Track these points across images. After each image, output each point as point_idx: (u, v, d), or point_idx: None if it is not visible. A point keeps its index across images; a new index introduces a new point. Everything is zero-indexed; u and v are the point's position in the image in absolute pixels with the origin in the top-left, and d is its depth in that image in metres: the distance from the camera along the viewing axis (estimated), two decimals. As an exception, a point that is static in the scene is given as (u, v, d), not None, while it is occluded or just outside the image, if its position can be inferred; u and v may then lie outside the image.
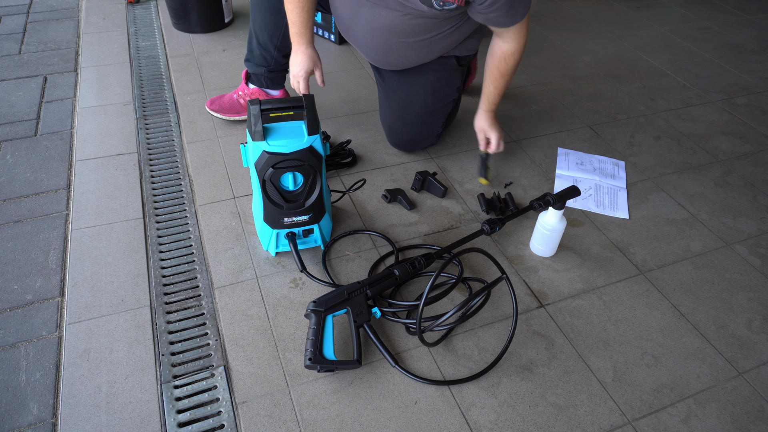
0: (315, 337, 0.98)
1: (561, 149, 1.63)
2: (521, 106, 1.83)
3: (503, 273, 1.06)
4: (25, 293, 1.14)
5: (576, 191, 1.26)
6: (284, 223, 1.15)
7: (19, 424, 0.93)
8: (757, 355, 1.10)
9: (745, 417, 0.99)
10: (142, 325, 1.08)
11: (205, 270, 1.20)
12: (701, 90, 2.01)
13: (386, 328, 1.10)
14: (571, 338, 1.10)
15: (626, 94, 1.95)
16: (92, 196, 1.37)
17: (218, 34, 2.14)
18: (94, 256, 1.21)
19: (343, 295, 1.03)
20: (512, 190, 1.47)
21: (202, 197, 1.38)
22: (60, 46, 2.05)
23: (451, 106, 1.52)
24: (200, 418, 0.94)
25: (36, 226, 1.30)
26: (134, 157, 1.51)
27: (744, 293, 1.23)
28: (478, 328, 1.11)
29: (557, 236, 1.24)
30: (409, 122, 1.48)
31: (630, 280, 1.24)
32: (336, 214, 1.36)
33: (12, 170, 1.46)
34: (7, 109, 1.69)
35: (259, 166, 1.07)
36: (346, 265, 1.23)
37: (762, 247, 1.35)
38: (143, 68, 1.91)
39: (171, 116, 1.68)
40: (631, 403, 1.00)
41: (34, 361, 1.02)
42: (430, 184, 1.42)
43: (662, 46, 2.32)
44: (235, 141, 1.57)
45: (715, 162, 1.64)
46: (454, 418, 0.96)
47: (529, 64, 2.08)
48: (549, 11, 2.57)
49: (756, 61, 2.24)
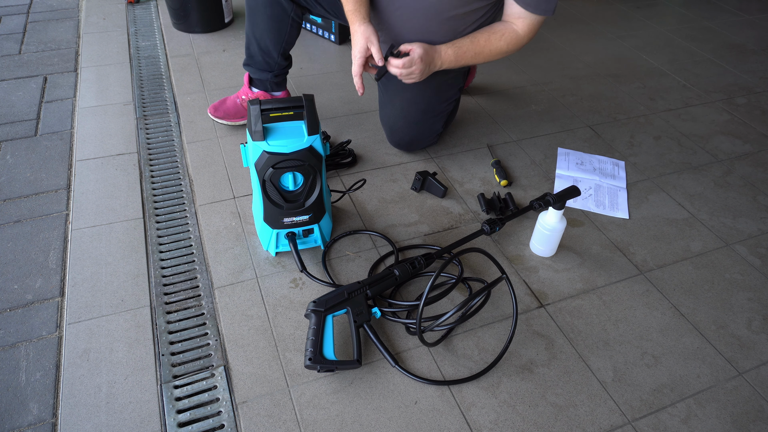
0: (315, 337, 0.98)
1: (561, 149, 1.63)
2: (521, 106, 1.83)
3: (503, 273, 1.06)
4: (25, 293, 1.14)
5: (576, 191, 1.26)
6: (284, 223, 1.15)
7: (19, 424, 0.93)
8: (757, 355, 1.10)
9: (745, 417, 0.99)
10: (142, 325, 1.08)
11: (205, 270, 1.20)
12: (701, 90, 2.01)
13: (386, 328, 1.10)
14: (571, 338, 1.10)
15: (626, 94, 1.95)
16: (92, 196, 1.37)
17: (218, 34, 2.14)
18: (94, 256, 1.21)
19: (343, 295, 1.03)
20: (512, 190, 1.47)
21: (202, 197, 1.38)
22: (60, 46, 2.05)
23: (452, 106, 1.52)
24: (200, 418, 0.94)
25: (36, 226, 1.30)
26: (134, 157, 1.51)
27: (744, 293, 1.23)
28: (478, 328, 1.11)
29: (557, 236, 1.24)
30: (410, 122, 1.48)
31: (630, 280, 1.24)
32: (336, 214, 1.36)
33: (12, 170, 1.46)
34: (7, 109, 1.69)
35: (259, 166, 1.07)
36: (346, 265, 1.23)
37: (762, 247, 1.35)
38: (143, 68, 1.91)
39: (171, 116, 1.68)
40: (631, 403, 1.00)
41: (34, 361, 1.02)
42: (430, 184, 1.42)
43: (662, 46, 2.32)
44: (235, 141, 1.57)
45: (715, 162, 1.64)
46: (454, 418, 0.96)
47: (529, 64, 2.09)
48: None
49: (756, 61, 2.24)
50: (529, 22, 1.26)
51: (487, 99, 1.85)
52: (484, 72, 1.99)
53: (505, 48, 1.28)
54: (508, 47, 1.28)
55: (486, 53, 1.29)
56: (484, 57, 1.30)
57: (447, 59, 1.27)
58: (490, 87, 1.92)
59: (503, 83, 1.95)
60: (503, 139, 1.67)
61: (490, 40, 1.28)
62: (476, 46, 1.28)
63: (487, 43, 1.28)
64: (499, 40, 1.27)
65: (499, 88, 1.92)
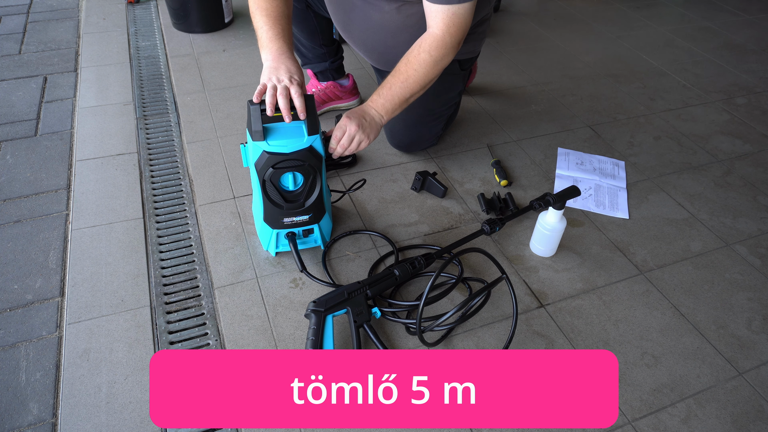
0: (315, 337, 0.98)
1: (561, 149, 1.63)
2: (521, 106, 1.83)
3: (503, 273, 1.06)
4: (25, 293, 1.14)
5: (576, 191, 1.26)
6: (284, 223, 1.15)
7: (19, 424, 0.93)
8: (757, 355, 1.10)
9: (745, 417, 0.99)
10: (142, 325, 1.08)
11: (205, 270, 1.20)
12: (701, 90, 2.01)
13: (386, 328, 1.10)
14: (571, 338, 1.10)
15: (626, 94, 1.95)
16: (92, 196, 1.37)
17: (218, 34, 2.14)
18: (94, 256, 1.21)
19: (343, 295, 1.03)
20: (512, 190, 1.47)
21: (202, 197, 1.38)
22: (60, 46, 2.05)
23: (452, 109, 1.52)
24: (200, 418, 0.94)
25: (36, 226, 1.30)
26: (134, 157, 1.51)
27: (744, 293, 1.23)
28: (478, 328, 1.11)
29: (557, 236, 1.24)
30: (409, 125, 1.48)
31: (630, 280, 1.24)
32: (336, 214, 1.36)
33: (12, 170, 1.46)
34: (7, 109, 1.69)
35: (259, 166, 1.07)
36: (346, 265, 1.23)
37: (762, 247, 1.35)
38: (143, 68, 1.91)
39: (171, 116, 1.68)
40: (631, 403, 1.00)
41: (34, 361, 1.02)
42: (430, 184, 1.42)
43: (662, 46, 2.32)
44: (235, 141, 1.57)
45: (715, 162, 1.64)
46: (454, 418, 0.95)
47: (529, 64, 2.09)
48: (549, 11, 2.57)
49: (756, 61, 2.24)
50: (442, 18, 1.12)
51: (487, 99, 1.85)
52: (484, 72, 1.99)
53: (429, 59, 1.15)
54: (431, 56, 1.14)
55: (414, 75, 1.16)
56: (417, 79, 1.16)
57: (380, 102, 1.17)
58: (490, 87, 1.92)
59: (503, 83, 1.95)
60: (503, 139, 1.67)
61: (409, 62, 1.16)
62: (401, 76, 1.16)
63: (408, 66, 1.16)
64: (418, 54, 1.15)
65: (499, 88, 1.92)
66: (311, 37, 1.55)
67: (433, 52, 1.15)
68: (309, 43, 1.57)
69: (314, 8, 1.48)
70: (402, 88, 1.17)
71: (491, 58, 2.11)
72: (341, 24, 1.38)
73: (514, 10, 2.55)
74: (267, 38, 1.13)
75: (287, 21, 1.17)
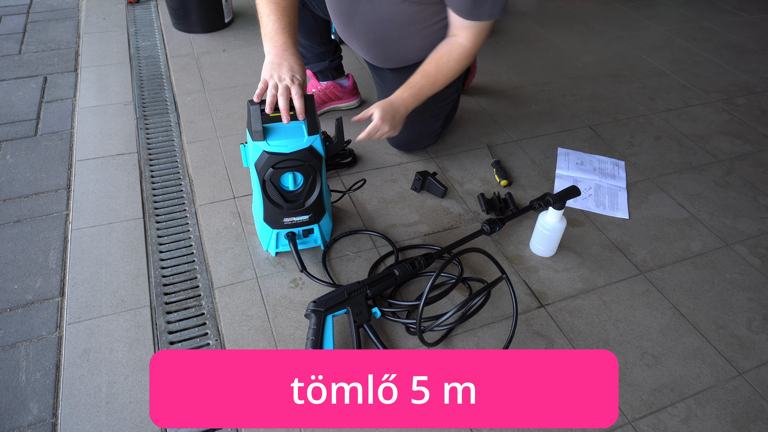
0: (315, 337, 0.98)
1: (561, 149, 1.63)
2: (521, 106, 1.83)
3: (503, 273, 1.06)
4: (25, 293, 1.14)
5: (576, 191, 1.26)
6: (284, 223, 1.15)
7: (19, 424, 0.93)
8: (757, 355, 1.10)
9: (745, 417, 0.99)
10: (142, 325, 1.08)
11: (205, 270, 1.20)
12: (701, 90, 2.01)
13: (386, 328, 1.10)
14: (571, 338, 1.10)
15: (626, 94, 1.95)
16: (92, 196, 1.37)
17: (218, 34, 2.14)
18: (94, 256, 1.21)
19: (343, 295, 1.03)
20: (512, 190, 1.47)
21: (202, 197, 1.38)
22: (60, 46, 2.05)
23: (450, 106, 1.52)
24: (200, 418, 0.94)
25: (36, 226, 1.30)
26: (134, 157, 1.51)
27: (744, 293, 1.23)
28: (478, 328, 1.11)
29: (557, 236, 1.24)
30: (408, 123, 1.48)
31: (630, 280, 1.24)
32: (336, 214, 1.36)
33: (12, 170, 1.46)
34: (7, 109, 1.69)
35: (259, 166, 1.07)
36: (346, 265, 1.23)
37: (762, 247, 1.35)
38: (143, 68, 1.91)
39: (171, 116, 1.68)
40: (631, 403, 1.00)
41: (34, 361, 1.02)
42: (430, 184, 1.42)
43: (662, 46, 2.32)
44: (235, 141, 1.57)
45: (715, 162, 1.64)
46: (454, 418, 0.95)
47: (529, 64, 2.09)
48: (549, 11, 2.57)
49: (756, 61, 2.24)
50: (472, 32, 1.21)
51: (487, 99, 1.85)
52: (484, 72, 1.99)
53: (457, 67, 1.25)
54: (459, 64, 1.25)
55: (442, 80, 1.26)
56: (443, 83, 1.27)
57: (409, 101, 1.25)
58: (490, 87, 1.92)
59: (503, 83, 1.95)
60: (503, 139, 1.67)
61: (440, 67, 1.24)
62: (429, 79, 1.25)
63: (438, 71, 1.25)
64: (448, 61, 1.24)
65: (499, 88, 1.92)
66: (309, 36, 1.55)
67: (461, 62, 1.24)
68: (307, 42, 1.56)
69: (310, 7, 1.48)
70: (429, 91, 1.26)
71: (491, 58, 2.11)
72: (343, 17, 1.35)
73: (514, 10, 2.55)
74: (272, 30, 1.11)
75: (294, 13, 1.17)
